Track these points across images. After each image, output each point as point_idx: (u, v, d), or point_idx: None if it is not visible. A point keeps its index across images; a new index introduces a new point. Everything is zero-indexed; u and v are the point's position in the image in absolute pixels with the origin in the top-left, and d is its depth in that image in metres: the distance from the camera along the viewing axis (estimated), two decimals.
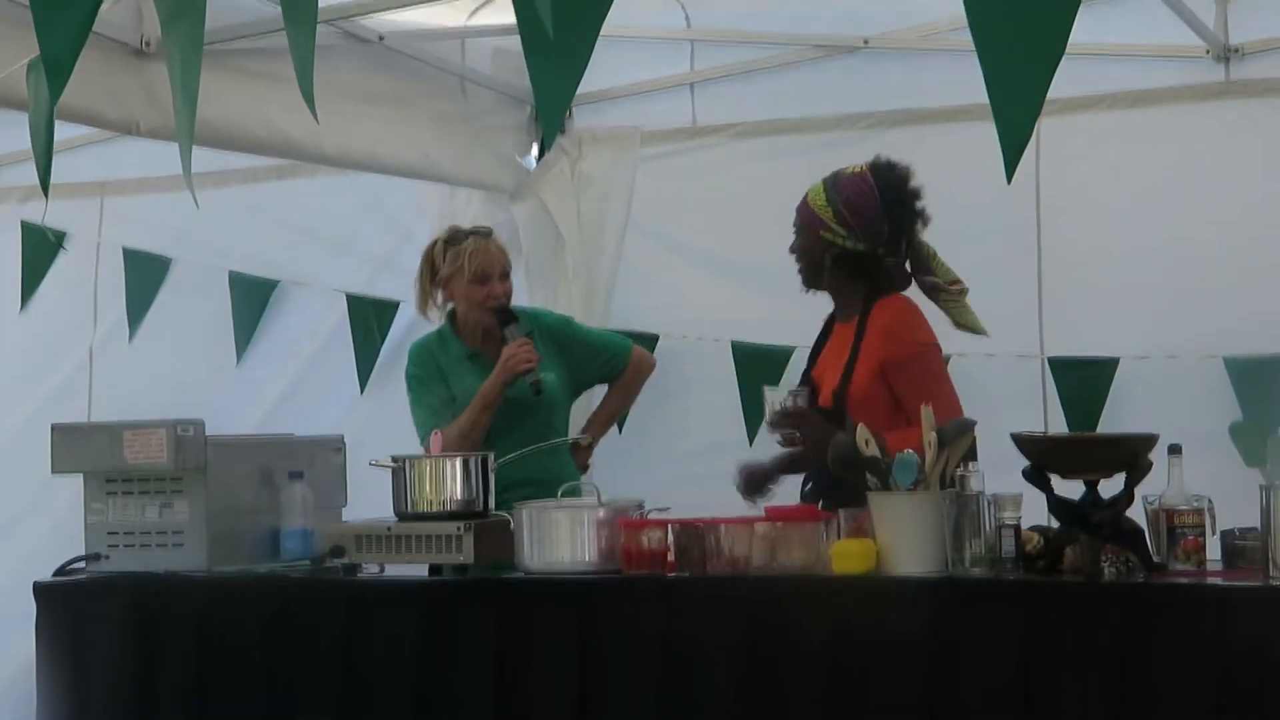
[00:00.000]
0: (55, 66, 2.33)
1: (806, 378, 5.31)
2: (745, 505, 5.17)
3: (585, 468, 5.92)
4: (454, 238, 5.82)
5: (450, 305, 5.85)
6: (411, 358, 5.88)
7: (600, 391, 6.18)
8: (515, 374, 5.60)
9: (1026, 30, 1.80)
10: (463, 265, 5.72)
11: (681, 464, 6.44)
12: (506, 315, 5.73)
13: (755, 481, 5.35)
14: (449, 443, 5.44)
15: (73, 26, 2.28)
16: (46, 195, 3.25)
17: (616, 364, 6.03)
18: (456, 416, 5.65)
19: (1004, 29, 1.82)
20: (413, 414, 5.80)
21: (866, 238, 5.10)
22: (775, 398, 5.13)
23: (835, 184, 5.15)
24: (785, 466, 5.33)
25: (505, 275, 5.80)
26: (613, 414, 6.11)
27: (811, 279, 5.24)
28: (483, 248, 5.76)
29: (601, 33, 2.03)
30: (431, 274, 5.82)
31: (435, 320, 5.92)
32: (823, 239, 5.13)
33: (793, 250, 5.24)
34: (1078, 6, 1.80)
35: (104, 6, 2.33)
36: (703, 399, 6.50)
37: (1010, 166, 1.78)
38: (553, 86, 2.01)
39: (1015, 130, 1.81)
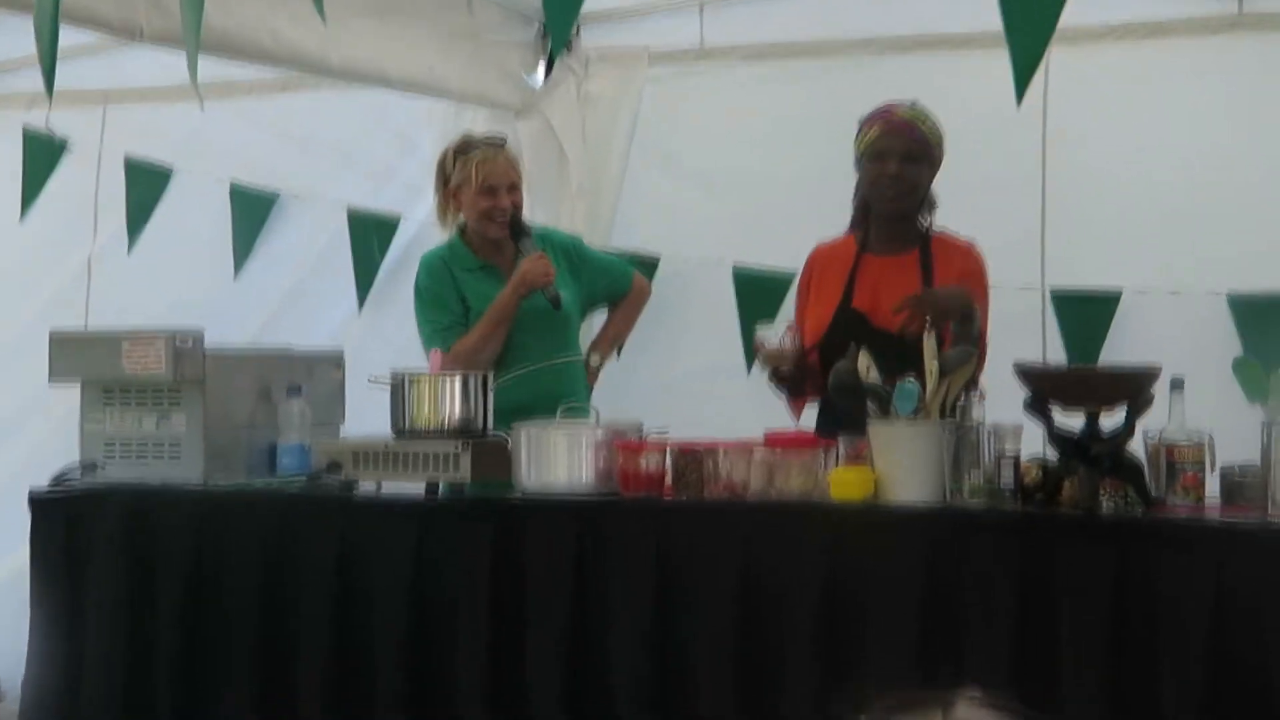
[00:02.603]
0: None
1: (848, 310, 5.23)
2: (739, 430, 5.10)
3: (590, 388, 5.88)
4: (464, 146, 5.72)
5: (460, 216, 5.75)
6: (424, 268, 5.75)
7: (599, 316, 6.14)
8: (532, 287, 5.52)
9: None
10: (470, 175, 5.63)
11: (680, 386, 6.42)
12: (519, 228, 5.66)
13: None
14: (461, 357, 5.40)
15: None
16: (50, 95, 3.23)
17: (621, 284, 5.99)
18: (466, 333, 5.59)
19: None
20: (420, 328, 5.70)
21: None
22: (765, 335, 5.11)
23: (934, 122, 5.24)
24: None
25: (514, 188, 5.68)
26: (617, 335, 6.05)
27: (911, 209, 5.24)
28: (490, 158, 5.66)
29: None
30: (443, 182, 5.74)
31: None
32: (932, 177, 5.23)
33: (904, 178, 5.19)
34: None
35: None
36: (702, 321, 6.47)
37: (1020, 90, 1.76)
38: None
39: (1026, 54, 1.79)
